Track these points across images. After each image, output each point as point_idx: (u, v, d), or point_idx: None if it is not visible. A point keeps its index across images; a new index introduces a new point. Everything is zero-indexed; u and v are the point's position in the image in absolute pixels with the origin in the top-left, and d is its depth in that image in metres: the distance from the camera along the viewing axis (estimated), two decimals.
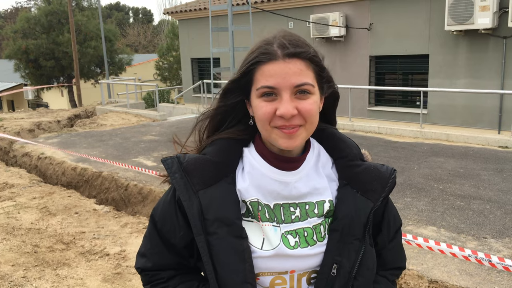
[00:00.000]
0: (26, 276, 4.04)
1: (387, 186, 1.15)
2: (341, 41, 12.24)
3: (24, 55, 21.49)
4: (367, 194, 1.13)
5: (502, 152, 7.77)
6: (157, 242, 1.16)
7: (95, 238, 4.92)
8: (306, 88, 1.03)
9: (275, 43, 1.05)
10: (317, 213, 1.11)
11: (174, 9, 17.11)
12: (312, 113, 1.04)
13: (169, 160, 1.13)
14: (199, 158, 1.12)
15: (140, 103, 16.59)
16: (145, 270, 1.19)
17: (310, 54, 1.05)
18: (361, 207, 1.12)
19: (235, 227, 1.07)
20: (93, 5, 25.18)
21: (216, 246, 1.06)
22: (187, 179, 1.09)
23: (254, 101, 1.06)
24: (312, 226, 1.10)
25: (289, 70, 1.02)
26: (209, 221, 1.07)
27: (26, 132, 12.48)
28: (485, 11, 9.36)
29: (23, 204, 6.10)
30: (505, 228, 4.53)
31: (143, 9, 61.47)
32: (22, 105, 28.38)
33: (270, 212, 1.10)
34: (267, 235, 1.08)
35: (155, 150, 8.60)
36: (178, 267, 1.17)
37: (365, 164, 1.17)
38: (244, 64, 1.07)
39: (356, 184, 1.14)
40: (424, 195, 5.60)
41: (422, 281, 3.62)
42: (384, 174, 1.16)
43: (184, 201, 1.09)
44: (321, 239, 1.11)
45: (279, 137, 1.04)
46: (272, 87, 1.02)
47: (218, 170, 1.10)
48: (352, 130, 10.30)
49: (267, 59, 1.03)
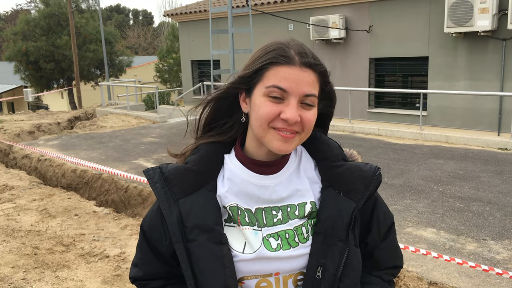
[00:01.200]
0: (26, 278, 4.04)
1: (371, 185, 1.14)
2: (341, 43, 12.26)
3: (24, 57, 21.52)
4: (350, 194, 1.12)
5: (501, 154, 7.78)
6: (147, 251, 1.18)
7: (95, 240, 4.92)
8: (311, 100, 1.05)
9: (292, 48, 1.06)
10: (297, 215, 1.12)
11: (174, 11, 17.13)
12: (311, 124, 1.07)
13: (150, 171, 1.15)
14: (180, 168, 1.14)
15: (140, 105, 16.60)
16: (137, 280, 1.22)
17: (322, 69, 1.07)
18: (343, 208, 1.11)
19: (215, 233, 1.08)
20: (93, 7, 25.22)
21: (195, 253, 1.08)
22: (168, 188, 1.12)
23: (258, 99, 1.06)
24: (293, 228, 1.11)
25: (304, 78, 1.03)
26: (189, 228, 1.09)
27: (26, 134, 12.49)
28: (484, 13, 9.38)
29: (23, 206, 6.10)
30: (504, 230, 4.54)
31: (144, 11, 61.58)
32: (22, 107, 28.40)
33: (251, 216, 1.11)
34: (248, 238, 1.09)
35: (155, 152, 8.60)
36: (168, 276, 1.19)
37: (347, 164, 1.16)
38: (258, 61, 1.07)
39: (338, 185, 1.13)
40: (424, 197, 5.60)
41: (421, 283, 3.62)
42: (367, 173, 1.14)
43: (164, 209, 1.11)
44: (304, 241, 1.11)
45: (275, 139, 1.05)
46: (283, 89, 1.03)
47: (198, 178, 1.12)
48: (352, 132, 10.30)
49: (284, 62, 1.04)
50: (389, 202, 5.45)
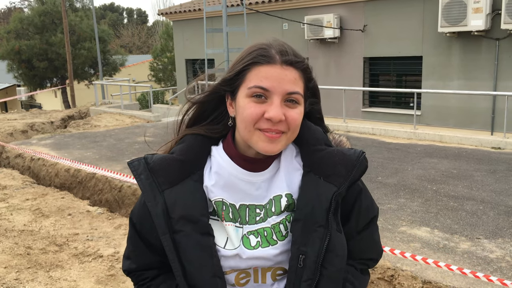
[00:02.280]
0: (19, 278, 4.01)
1: (354, 168, 1.10)
2: (335, 42, 12.27)
3: (17, 55, 21.36)
4: (330, 178, 1.09)
5: (495, 153, 7.82)
6: (138, 243, 1.18)
7: (88, 239, 4.89)
8: (296, 98, 1.04)
9: (273, 48, 1.05)
10: (274, 211, 1.11)
11: (168, 10, 17.08)
12: (297, 122, 1.06)
13: (135, 162, 1.14)
14: (166, 158, 1.13)
15: (134, 104, 16.54)
16: (131, 272, 1.22)
17: (304, 65, 1.07)
18: (323, 192, 1.08)
19: (201, 224, 1.07)
20: (87, 6, 25.08)
21: (182, 243, 1.07)
22: (153, 179, 1.10)
23: (242, 100, 1.05)
24: (271, 226, 1.10)
25: (285, 76, 1.03)
26: (174, 219, 1.08)
27: (19, 133, 12.40)
28: (478, 13, 9.42)
29: (16, 205, 6.06)
30: (498, 228, 4.56)
31: (138, 10, 61.33)
32: (15, 106, 28.21)
33: (234, 212, 1.11)
34: (230, 235, 1.09)
35: (149, 151, 8.51)
36: (161, 266, 1.18)
37: (328, 148, 1.13)
38: (239, 63, 1.07)
39: (319, 169, 1.10)
40: (418, 196, 5.62)
41: (415, 282, 3.63)
42: (350, 157, 1.11)
43: (149, 201, 1.10)
44: (282, 238, 1.10)
45: (261, 140, 1.04)
46: (265, 88, 1.02)
47: (184, 168, 1.11)
48: (346, 131, 10.32)
49: (265, 61, 1.04)
50: (383, 201, 5.46)
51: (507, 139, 8.26)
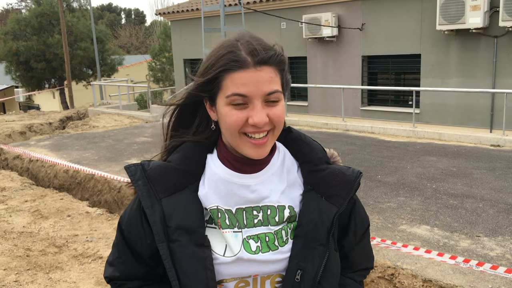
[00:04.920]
0: (18, 280, 4.00)
1: (352, 189, 1.14)
2: (333, 41, 12.26)
3: (15, 57, 21.31)
4: (332, 199, 1.12)
5: (494, 151, 7.82)
6: (125, 250, 1.15)
7: (88, 241, 4.88)
8: (276, 96, 1.03)
9: (242, 49, 1.02)
10: (277, 221, 1.11)
11: (166, 10, 17.05)
12: (281, 119, 1.05)
13: (132, 167, 1.12)
14: (164, 166, 1.12)
15: (132, 104, 16.51)
16: (112, 280, 1.18)
17: (278, 57, 1.04)
18: (325, 212, 1.11)
19: (197, 235, 1.07)
20: (84, 6, 25.03)
21: (177, 254, 1.07)
22: (151, 186, 1.09)
23: (222, 108, 1.04)
24: (273, 232, 1.10)
25: (261, 78, 1.01)
26: (171, 229, 1.07)
27: (17, 134, 12.38)
28: (476, 10, 9.42)
29: (15, 207, 6.04)
30: (497, 226, 4.56)
31: (136, 10, 61.25)
32: (13, 107, 28.16)
33: (231, 217, 1.10)
34: (228, 242, 1.09)
35: (148, 152, 8.56)
36: (145, 277, 1.17)
37: (330, 167, 1.15)
38: (212, 70, 1.04)
39: (321, 189, 1.13)
40: (417, 194, 5.61)
41: (416, 280, 3.63)
42: (350, 177, 1.14)
43: (147, 208, 1.08)
44: (283, 244, 1.10)
45: (248, 147, 1.04)
46: (244, 95, 1.01)
47: (182, 178, 1.10)
48: (345, 130, 10.32)
49: (237, 67, 1.01)
50: (382, 199, 5.46)
51: (506, 137, 8.27)
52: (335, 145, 8.56)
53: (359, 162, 7.25)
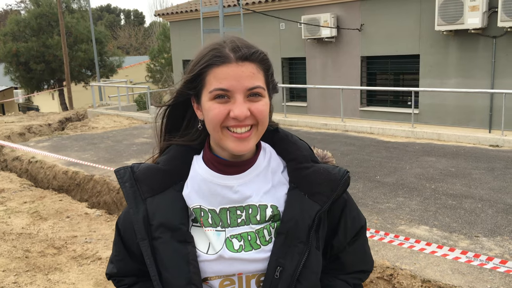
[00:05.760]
0: (17, 282, 4.00)
1: (337, 188, 1.13)
2: (332, 42, 12.27)
3: (14, 58, 21.32)
4: (314, 197, 1.12)
5: (493, 151, 7.83)
6: (121, 249, 1.21)
7: (87, 242, 4.88)
8: (258, 91, 1.05)
9: (227, 47, 1.06)
10: (259, 220, 1.12)
11: (165, 11, 17.06)
12: (264, 114, 1.07)
13: (122, 170, 1.17)
14: (150, 167, 1.16)
15: (132, 105, 16.51)
16: (112, 276, 1.26)
17: (260, 55, 1.07)
18: (307, 210, 1.11)
19: (179, 232, 1.10)
20: (83, 7, 25.04)
21: (160, 250, 1.10)
22: (137, 187, 1.14)
23: (206, 104, 1.07)
24: (255, 231, 1.11)
25: (242, 73, 1.04)
26: (154, 227, 1.11)
27: (16, 135, 12.38)
28: (474, 11, 9.43)
29: (14, 208, 6.04)
30: (496, 226, 4.56)
31: (135, 11, 61.24)
32: (13, 108, 28.15)
33: (215, 216, 1.12)
34: (211, 240, 1.11)
35: (147, 153, 8.56)
36: (140, 274, 1.22)
37: (315, 166, 1.15)
38: (196, 66, 1.08)
39: (304, 186, 1.13)
40: (416, 195, 5.62)
41: (415, 281, 3.63)
42: (335, 176, 1.14)
43: (131, 208, 1.13)
44: (265, 243, 1.11)
45: (230, 140, 1.06)
46: (225, 89, 1.03)
47: (167, 178, 1.14)
48: (344, 130, 10.32)
49: (220, 62, 1.04)
50: (381, 200, 5.46)
51: (505, 137, 8.27)
52: (334, 146, 8.57)
53: (358, 163, 7.26)
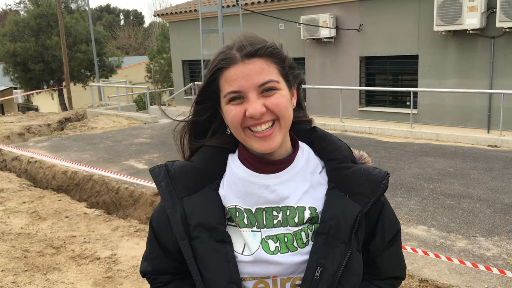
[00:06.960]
0: (16, 281, 4.00)
1: (378, 189, 1.11)
2: (331, 42, 12.28)
3: (12, 58, 21.30)
4: (355, 197, 1.10)
5: (491, 151, 7.84)
6: (155, 247, 1.20)
7: (85, 242, 4.89)
8: (271, 86, 1.03)
9: (233, 47, 1.05)
10: (297, 222, 1.09)
11: (164, 11, 17.06)
12: (281, 107, 1.04)
13: (156, 169, 1.15)
14: (186, 165, 1.14)
15: (131, 105, 16.51)
16: (147, 274, 1.24)
17: (268, 49, 1.04)
18: (348, 210, 1.08)
19: (217, 231, 1.08)
20: (82, 7, 25.03)
21: (199, 250, 1.09)
22: (173, 187, 1.12)
23: (224, 108, 1.07)
24: (292, 233, 1.09)
25: (250, 70, 1.02)
26: (192, 226, 1.09)
27: (16, 136, 12.37)
28: (473, 11, 9.44)
29: (13, 208, 6.05)
30: (494, 226, 4.57)
31: (134, 11, 61.21)
32: (12, 108, 28.14)
33: (251, 216, 1.10)
34: (246, 240, 1.09)
35: (146, 153, 8.57)
36: (175, 272, 1.20)
37: (355, 166, 1.13)
38: (208, 73, 1.08)
39: (344, 186, 1.11)
40: (415, 195, 5.63)
41: (412, 280, 3.64)
42: (376, 177, 1.12)
43: (168, 208, 1.11)
44: (303, 246, 1.08)
45: (254, 141, 1.05)
46: (237, 91, 1.03)
47: (203, 177, 1.13)
48: (343, 130, 10.34)
49: (227, 64, 1.03)
50: None
51: (503, 137, 8.29)
52: None
53: None
